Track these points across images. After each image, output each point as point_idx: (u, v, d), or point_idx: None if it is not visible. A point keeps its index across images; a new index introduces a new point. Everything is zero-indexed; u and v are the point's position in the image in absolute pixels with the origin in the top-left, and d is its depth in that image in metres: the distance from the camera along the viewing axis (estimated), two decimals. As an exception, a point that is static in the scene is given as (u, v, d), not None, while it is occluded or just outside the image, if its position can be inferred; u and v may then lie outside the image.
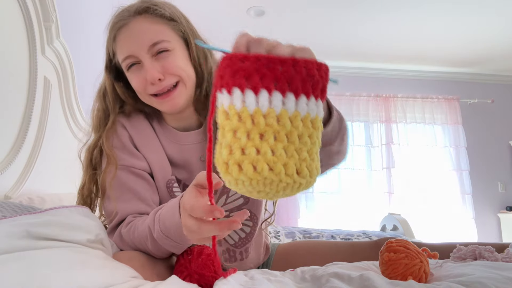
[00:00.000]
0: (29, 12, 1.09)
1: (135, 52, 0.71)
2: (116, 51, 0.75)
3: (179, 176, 0.82)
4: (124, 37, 0.72)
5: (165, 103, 0.74)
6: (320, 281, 0.53)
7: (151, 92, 0.73)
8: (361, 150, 3.92)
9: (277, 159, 0.33)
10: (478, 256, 0.67)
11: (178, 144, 0.82)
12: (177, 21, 0.76)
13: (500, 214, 3.91)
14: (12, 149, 1.04)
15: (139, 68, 0.72)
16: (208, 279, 0.57)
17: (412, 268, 0.55)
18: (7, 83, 1.00)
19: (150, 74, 0.70)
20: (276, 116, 0.34)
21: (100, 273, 0.44)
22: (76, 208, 0.57)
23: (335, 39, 3.49)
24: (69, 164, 1.45)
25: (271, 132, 0.34)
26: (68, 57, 1.37)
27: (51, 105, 1.23)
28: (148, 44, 0.71)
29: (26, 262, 0.40)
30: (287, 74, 0.34)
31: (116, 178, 0.75)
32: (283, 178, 0.34)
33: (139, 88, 0.73)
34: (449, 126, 4.03)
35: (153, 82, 0.71)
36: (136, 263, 0.59)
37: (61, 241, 0.47)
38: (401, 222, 2.37)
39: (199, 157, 0.81)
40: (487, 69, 4.16)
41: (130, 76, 0.74)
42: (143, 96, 0.76)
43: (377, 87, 4.09)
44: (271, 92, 0.34)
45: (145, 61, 0.71)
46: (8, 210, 0.71)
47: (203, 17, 3.33)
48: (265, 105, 0.34)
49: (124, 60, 0.73)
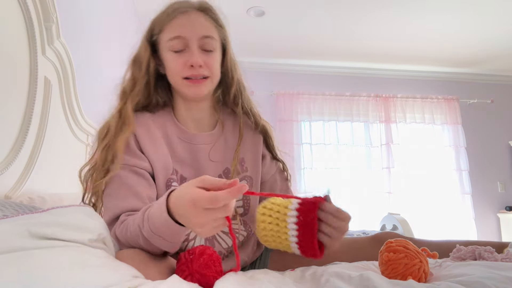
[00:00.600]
0: (29, 12, 1.09)
1: (187, 36, 0.79)
2: (165, 30, 0.81)
3: (185, 174, 0.84)
4: (182, 21, 0.80)
5: (193, 88, 0.81)
6: (320, 281, 0.54)
7: (187, 75, 0.80)
8: (361, 150, 3.93)
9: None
10: (477, 256, 0.67)
11: (190, 143, 0.86)
12: (224, 29, 0.87)
13: (500, 214, 3.92)
14: (12, 149, 1.04)
15: (182, 53, 0.80)
16: (209, 279, 0.57)
17: (412, 268, 0.55)
18: (7, 83, 1.00)
19: (195, 58, 0.78)
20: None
21: (101, 273, 0.44)
22: (79, 208, 0.57)
23: (335, 39, 3.50)
24: (69, 164, 1.46)
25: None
26: (69, 57, 1.37)
27: (51, 105, 1.24)
28: (201, 34, 0.80)
29: (26, 262, 0.40)
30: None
31: (116, 176, 0.76)
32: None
33: (177, 68, 0.80)
34: (448, 126, 4.03)
35: (194, 65, 0.78)
36: (138, 261, 0.59)
37: (62, 241, 0.47)
38: (400, 221, 2.37)
39: (208, 156, 0.85)
40: (486, 69, 4.16)
41: (170, 56, 0.81)
42: (175, 77, 0.82)
43: (377, 87, 4.09)
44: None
45: (194, 47, 0.79)
46: (9, 210, 0.72)
47: (203, 17, 3.32)
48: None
49: (172, 39, 0.79)
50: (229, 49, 0.89)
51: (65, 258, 0.43)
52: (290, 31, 3.31)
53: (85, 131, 1.60)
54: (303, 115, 3.92)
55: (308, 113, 3.91)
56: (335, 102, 3.97)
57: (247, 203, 0.89)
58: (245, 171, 0.89)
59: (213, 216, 0.51)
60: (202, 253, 0.60)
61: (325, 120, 3.92)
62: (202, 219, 0.52)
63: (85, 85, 1.72)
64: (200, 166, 0.85)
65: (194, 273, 0.58)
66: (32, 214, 0.53)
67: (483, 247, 0.68)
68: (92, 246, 0.50)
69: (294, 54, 3.79)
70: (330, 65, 4.05)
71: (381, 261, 0.59)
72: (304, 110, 3.91)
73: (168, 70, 0.83)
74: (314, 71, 4.07)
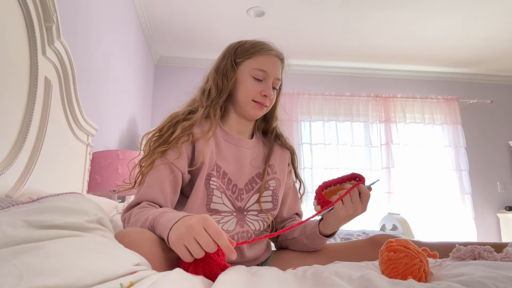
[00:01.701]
0: (29, 13, 1.09)
1: (270, 73, 0.98)
2: (254, 59, 0.99)
3: (227, 169, 0.96)
4: (270, 59, 1.00)
5: (256, 110, 0.99)
6: (321, 280, 0.54)
7: (258, 100, 0.98)
8: (360, 150, 3.93)
9: None
10: (477, 256, 0.67)
11: (235, 146, 1.00)
12: (282, 76, 1.07)
13: (499, 214, 3.92)
14: (13, 149, 1.04)
15: (260, 82, 0.98)
16: (212, 267, 0.58)
17: (412, 268, 0.55)
18: (8, 83, 1.00)
19: (270, 91, 0.98)
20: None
21: (101, 264, 0.43)
22: (69, 194, 0.56)
23: (335, 39, 3.50)
24: (70, 164, 1.46)
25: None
26: (69, 57, 1.37)
27: (51, 105, 1.24)
28: (277, 76, 1.00)
29: (21, 258, 0.38)
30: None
31: (155, 167, 0.88)
32: None
33: (254, 92, 0.98)
34: (448, 126, 4.04)
35: (267, 96, 0.98)
36: (145, 236, 0.65)
37: (59, 227, 0.46)
38: (400, 221, 2.37)
39: (250, 161, 1.01)
40: (486, 69, 4.17)
41: (251, 81, 0.98)
42: (247, 97, 0.98)
43: (376, 87, 4.10)
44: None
45: (270, 83, 0.99)
46: (3, 203, 0.71)
47: (203, 17, 3.34)
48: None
49: (259, 70, 0.98)
50: (281, 90, 1.10)
51: (61, 250, 0.42)
52: (290, 31, 3.32)
53: (85, 131, 1.60)
54: (303, 115, 3.92)
55: (308, 113, 3.91)
56: (335, 102, 3.98)
57: (275, 199, 1.00)
58: (274, 174, 1.03)
59: (202, 237, 0.59)
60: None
61: (325, 120, 3.93)
62: (196, 229, 0.59)
63: (85, 85, 1.72)
64: (242, 166, 0.99)
65: (198, 261, 0.59)
66: (24, 204, 0.52)
67: (482, 246, 0.68)
68: (90, 227, 0.50)
69: (294, 54, 3.79)
70: (330, 65, 4.05)
71: (381, 261, 0.59)
72: (304, 110, 3.91)
73: (244, 90, 0.98)
74: (314, 71, 4.07)
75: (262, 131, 1.12)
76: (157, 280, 0.44)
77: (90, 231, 0.50)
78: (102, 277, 0.40)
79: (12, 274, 0.36)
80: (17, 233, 0.42)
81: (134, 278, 0.43)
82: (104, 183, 1.78)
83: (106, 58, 2.12)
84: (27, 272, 0.36)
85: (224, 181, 0.94)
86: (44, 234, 0.44)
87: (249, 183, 0.98)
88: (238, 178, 0.97)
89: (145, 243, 0.62)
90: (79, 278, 0.38)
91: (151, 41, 3.45)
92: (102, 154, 1.83)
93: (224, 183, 0.94)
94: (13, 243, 0.41)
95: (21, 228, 0.43)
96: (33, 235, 0.43)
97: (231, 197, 0.95)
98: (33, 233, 0.43)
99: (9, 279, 0.35)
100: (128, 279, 0.42)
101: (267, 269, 0.60)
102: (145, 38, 3.27)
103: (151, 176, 0.87)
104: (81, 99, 1.53)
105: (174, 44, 3.60)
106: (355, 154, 3.88)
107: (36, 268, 0.37)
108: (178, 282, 0.46)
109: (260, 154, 1.04)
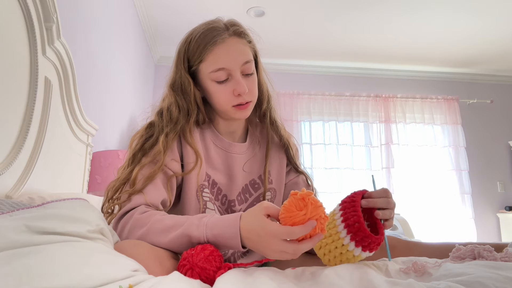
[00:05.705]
0: (29, 13, 1.10)
1: (231, 67, 0.81)
2: (206, 60, 0.82)
3: (217, 179, 0.87)
4: (222, 50, 0.81)
5: (240, 113, 0.85)
6: (320, 280, 0.54)
7: (236, 103, 0.83)
8: (360, 150, 3.93)
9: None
10: (477, 255, 0.67)
11: (225, 152, 0.90)
12: (253, 43, 0.89)
13: (499, 214, 3.92)
14: (13, 149, 1.04)
15: (226, 83, 0.82)
16: (209, 273, 0.58)
17: (298, 218, 0.57)
18: (8, 83, 1.00)
19: (242, 87, 0.81)
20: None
21: (100, 268, 0.43)
22: (74, 201, 0.56)
23: (335, 39, 3.50)
24: (70, 164, 1.46)
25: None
26: (69, 57, 1.37)
27: (51, 105, 1.24)
28: (242, 62, 0.82)
29: (21, 261, 0.39)
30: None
31: (147, 167, 0.78)
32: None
33: (226, 99, 0.83)
34: (448, 126, 4.04)
35: (241, 94, 0.82)
36: (142, 249, 0.61)
37: (61, 234, 0.46)
38: (400, 221, 2.37)
39: (242, 167, 0.90)
40: (486, 70, 4.17)
41: (215, 87, 0.83)
42: (223, 106, 0.84)
43: (376, 87, 4.10)
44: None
45: (237, 76, 0.81)
46: (6, 206, 0.71)
47: (203, 17, 3.33)
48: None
49: (216, 71, 0.81)
50: (259, 61, 0.92)
51: (62, 255, 0.42)
52: (290, 31, 3.32)
53: (85, 131, 1.60)
54: (303, 115, 3.92)
55: (308, 113, 3.91)
56: (335, 102, 3.98)
57: (274, 197, 0.94)
58: (270, 184, 0.93)
59: (284, 248, 0.58)
60: (204, 248, 0.61)
61: (325, 120, 3.93)
62: (276, 246, 0.59)
63: (85, 85, 1.72)
64: (233, 174, 0.89)
65: (195, 266, 0.59)
66: (28, 209, 0.52)
67: (482, 246, 0.68)
68: (91, 237, 0.50)
69: (294, 54, 3.80)
70: (330, 65, 4.06)
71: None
72: (304, 110, 3.92)
73: (215, 99, 0.85)
74: (314, 71, 4.07)
75: (258, 116, 0.99)
76: (155, 283, 0.45)
77: (91, 240, 0.51)
78: (101, 281, 0.40)
79: (12, 277, 0.36)
80: (18, 237, 0.42)
81: (133, 281, 0.43)
82: (104, 183, 1.78)
83: (106, 58, 2.12)
84: (27, 275, 0.37)
85: (214, 191, 0.87)
86: (45, 239, 0.44)
87: (242, 193, 0.90)
88: (229, 188, 0.89)
89: (143, 256, 0.58)
90: (79, 281, 0.39)
91: (151, 41, 3.45)
92: (102, 154, 1.83)
93: (214, 193, 0.86)
94: (13, 247, 0.41)
95: (23, 233, 0.43)
96: (33, 239, 0.43)
97: (221, 209, 0.87)
98: (34, 238, 0.43)
99: (9, 281, 0.35)
100: (126, 282, 0.42)
101: (267, 269, 0.60)
102: (145, 38, 3.27)
103: (142, 178, 0.77)
104: (81, 99, 1.53)
105: (174, 44, 3.58)
106: (355, 154, 3.88)
107: (36, 271, 0.37)
108: (176, 284, 0.46)
109: (255, 156, 0.94)
